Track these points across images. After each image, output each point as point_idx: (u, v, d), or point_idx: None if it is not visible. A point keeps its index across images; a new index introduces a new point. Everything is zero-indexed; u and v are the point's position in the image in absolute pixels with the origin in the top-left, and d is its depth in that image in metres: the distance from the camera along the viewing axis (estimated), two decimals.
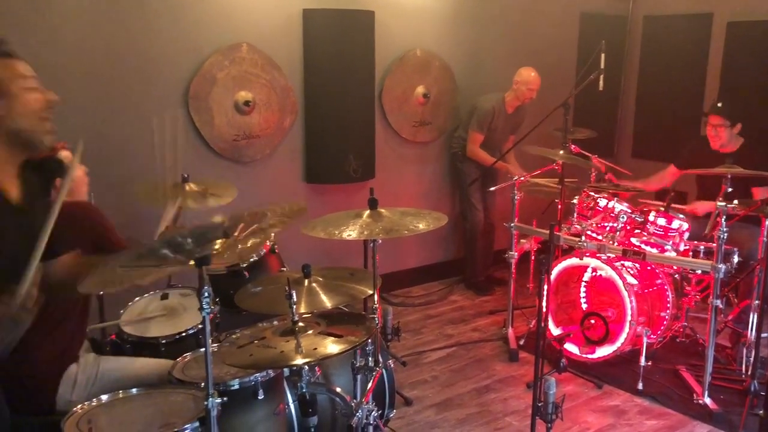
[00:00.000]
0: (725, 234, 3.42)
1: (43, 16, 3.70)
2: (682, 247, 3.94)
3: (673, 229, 3.95)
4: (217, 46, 4.28)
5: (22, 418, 2.38)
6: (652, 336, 3.93)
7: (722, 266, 3.48)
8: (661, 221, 3.98)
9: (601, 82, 4.31)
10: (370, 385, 2.67)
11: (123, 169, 4.00)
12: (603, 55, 4.28)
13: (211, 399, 1.90)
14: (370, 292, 2.55)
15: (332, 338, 2.14)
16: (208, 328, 1.86)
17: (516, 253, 4.39)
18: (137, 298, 3.23)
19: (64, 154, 2.61)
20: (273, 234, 2.63)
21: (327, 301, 2.38)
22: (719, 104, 4.33)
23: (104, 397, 2.18)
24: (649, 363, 3.85)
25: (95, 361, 2.55)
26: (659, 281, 4.11)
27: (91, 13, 3.84)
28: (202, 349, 1.96)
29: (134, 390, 2.24)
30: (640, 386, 3.76)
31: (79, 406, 2.13)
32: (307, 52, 4.66)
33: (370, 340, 2.57)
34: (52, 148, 2.66)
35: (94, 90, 3.93)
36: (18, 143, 1.68)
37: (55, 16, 3.74)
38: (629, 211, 4.07)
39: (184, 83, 4.22)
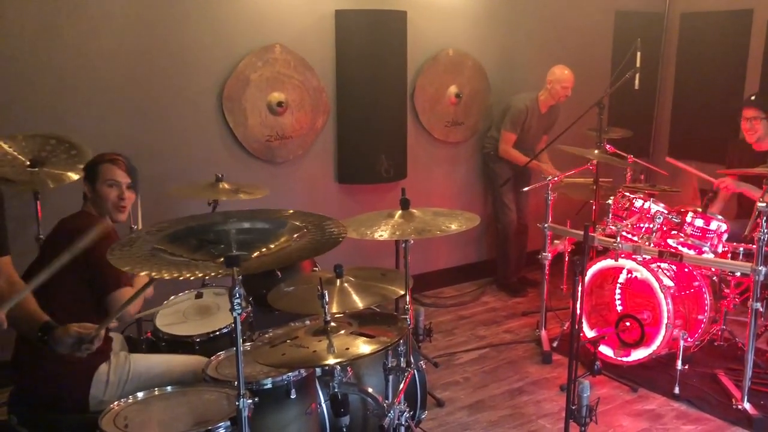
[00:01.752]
0: (766, 236, 3.33)
1: (77, 21, 3.78)
2: (720, 249, 3.86)
3: (711, 231, 3.86)
4: (251, 47, 4.32)
5: (57, 416, 2.44)
6: (689, 339, 3.85)
7: (763, 268, 3.39)
8: (699, 222, 3.89)
9: (636, 81, 4.24)
10: (401, 385, 2.67)
11: (160, 168, 4.07)
12: (639, 54, 4.21)
13: (242, 399, 1.91)
14: (402, 292, 2.55)
15: (364, 338, 2.14)
16: (239, 328, 1.88)
17: (549, 254, 4.34)
18: (172, 297, 3.28)
19: (105, 166, 2.76)
20: None
21: (359, 302, 2.39)
22: (753, 96, 4.27)
23: (140, 395, 2.22)
24: (686, 367, 3.78)
25: (126, 360, 2.60)
26: (696, 283, 4.03)
27: (126, 17, 3.91)
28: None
29: (169, 388, 2.27)
30: (676, 390, 3.69)
31: (115, 403, 2.17)
32: (340, 52, 4.67)
33: (401, 341, 2.57)
34: (102, 155, 2.81)
35: (130, 92, 4.00)
36: None
37: (91, 20, 3.82)
38: (665, 211, 4.00)
39: (218, 85, 4.27)
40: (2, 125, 3.54)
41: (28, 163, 3.32)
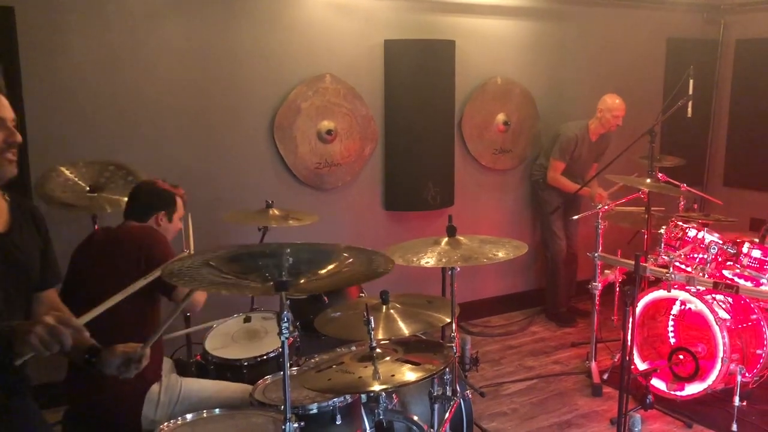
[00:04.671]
0: None
1: (137, 55, 3.94)
2: None
3: None
4: (302, 77, 4.42)
5: None
6: (747, 374, 3.71)
7: None
8: (756, 253, 3.78)
9: (689, 109, 4.18)
10: (447, 415, 2.64)
11: (212, 194, 4.18)
12: (691, 81, 4.15)
13: (288, 423, 1.92)
14: (448, 320, 2.54)
15: (410, 366, 2.14)
16: (287, 352, 1.90)
17: (600, 284, 4.26)
18: (221, 321, 3.33)
19: (180, 201, 2.89)
20: None
21: (404, 328, 2.39)
22: None
23: (189, 416, 2.25)
24: (744, 403, 3.64)
25: (177, 382, 2.64)
26: (754, 316, 3.90)
27: (182, 50, 4.06)
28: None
29: (217, 410, 2.30)
30: (734, 428, 3.55)
31: (165, 424, 2.20)
32: (388, 81, 4.74)
33: (447, 369, 2.55)
34: (176, 188, 2.92)
35: (185, 122, 4.13)
36: None
37: (149, 54, 3.97)
38: (720, 241, 3.89)
39: (270, 114, 4.37)
40: (64, 153, 3.69)
41: (88, 188, 3.45)
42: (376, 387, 2.05)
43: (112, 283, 2.49)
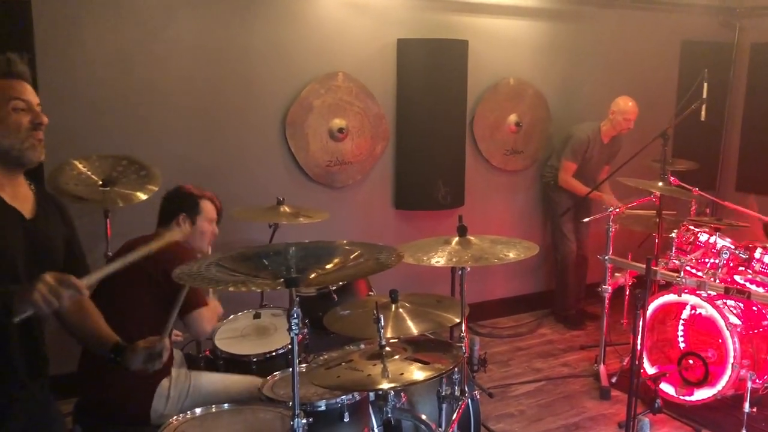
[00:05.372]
0: None
1: (149, 50, 3.95)
2: None
3: None
4: (315, 75, 4.42)
5: (120, 427, 2.50)
6: (757, 381, 3.68)
7: None
8: None
9: (703, 112, 4.15)
10: (455, 415, 2.64)
11: (223, 190, 4.14)
12: (705, 84, 4.12)
13: (297, 419, 1.92)
14: (458, 320, 2.53)
15: (418, 365, 2.14)
16: (296, 348, 1.90)
17: (609, 287, 4.25)
18: (231, 316, 3.34)
19: (206, 203, 2.90)
20: None
21: (413, 327, 2.39)
22: None
23: (198, 411, 2.26)
24: (754, 410, 3.61)
25: (187, 377, 2.66)
26: (766, 322, 3.87)
27: (194, 46, 4.07)
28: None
29: (226, 405, 2.31)
30: None
31: (174, 417, 2.21)
32: (401, 80, 4.73)
33: (456, 369, 2.55)
34: (203, 191, 2.91)
35: (197, 117, 4.14)
36: (6, 161, 1.81)
37: (164, 48, 3.99)
38: (732, 246, 3.86)
39: (282, 110, 4.38)
40: (77, 146, 3.71)
41: (101, 182, 3.46)
42: (385, 385, 2.05)
43: (126, 293, 2.52)
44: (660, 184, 4.09)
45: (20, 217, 1.84)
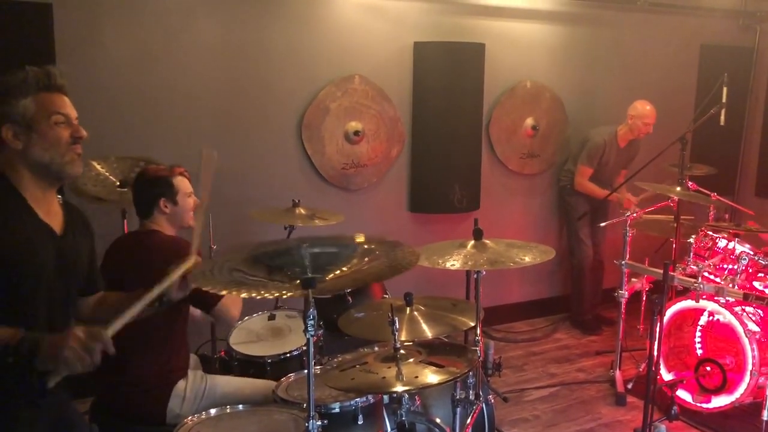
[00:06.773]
0: None
1: (169, 52, 3.99)
2: None
3: None
4: (331, 77, 4.43)
5: (136, 427, 2.52)
6: None
7: None
8: None
9: (722, 117, 4.11)
10: (469, 419, 2.63)
11: (240, 191, 4.21)
12: (725, 89, 4.09)
13: (312, 421, 1.93)
14: (472, 324, 2.53)
15: (433, 368, 2.13)
16: (311, 349, 1.90)
17: (626, 292, 4.21)
18: (246, 318, 3.36)
19: (179, 179, 2.72)
20: None
21: (428, 331, 2.38)
22: None
23: (212, 411, 2.27)
24: None
25: (203, 378, 2.67)
26: None
27: (213, 48, 4.10)
28: (306, 370, 2.00)
29: (241, 406, 2.32)
30: None
31: (189, 417, 2.23)
32: (417, 83, 4.73)
33: (471, 373, 2.54)
34: (171, 169, 2.76)
35: (215, 119, 4.17)
36: (45, 175, 1.81)
37: (183, 50, 4.02)
38: (751, 252, 3.82)
39: (298, 113, 4.39)
40: (96, 148, 3.73)
41: (118, 183, 3.49)
42: (399, 388, 2.05)
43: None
44: (678, 189, 4.05)
45: (52, 234, 1.84)
